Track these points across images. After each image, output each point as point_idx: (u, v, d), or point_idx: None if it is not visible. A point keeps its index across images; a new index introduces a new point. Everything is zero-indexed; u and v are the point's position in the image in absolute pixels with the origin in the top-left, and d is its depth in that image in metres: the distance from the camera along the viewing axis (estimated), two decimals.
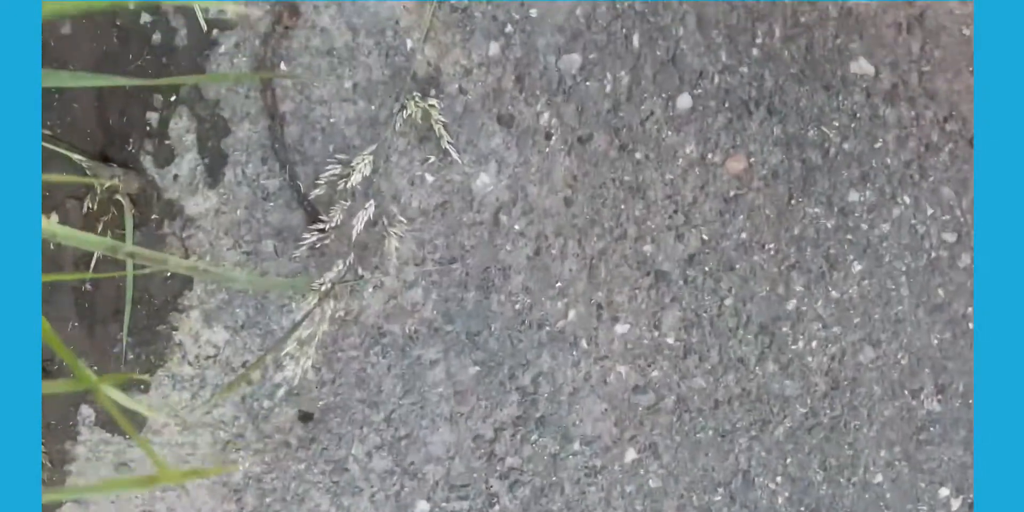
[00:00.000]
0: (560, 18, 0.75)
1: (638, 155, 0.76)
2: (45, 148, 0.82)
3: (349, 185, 0.76)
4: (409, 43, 0.76)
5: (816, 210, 0.79)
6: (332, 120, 0.77)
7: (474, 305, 0.80)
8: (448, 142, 0.77)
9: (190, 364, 0.82)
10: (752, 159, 0.77)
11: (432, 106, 0.76)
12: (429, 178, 0.77)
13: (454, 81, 0.77)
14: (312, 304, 0.79)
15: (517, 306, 0.79)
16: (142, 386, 0.83)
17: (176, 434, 0.83)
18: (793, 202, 0.78)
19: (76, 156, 0.81)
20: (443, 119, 0.77)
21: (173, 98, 0.79)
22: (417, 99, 0.77)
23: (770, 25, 0.75)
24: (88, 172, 0.78)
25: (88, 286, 0.82)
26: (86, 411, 0.85)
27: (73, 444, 0.85)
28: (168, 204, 0.80)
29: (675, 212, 0.78)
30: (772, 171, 0.77)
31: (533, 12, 0.75)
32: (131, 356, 0.83)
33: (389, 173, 0.78)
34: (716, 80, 0.75)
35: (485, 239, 0.78)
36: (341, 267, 0.78)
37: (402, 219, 0.78)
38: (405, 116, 0.77)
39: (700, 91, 0.75)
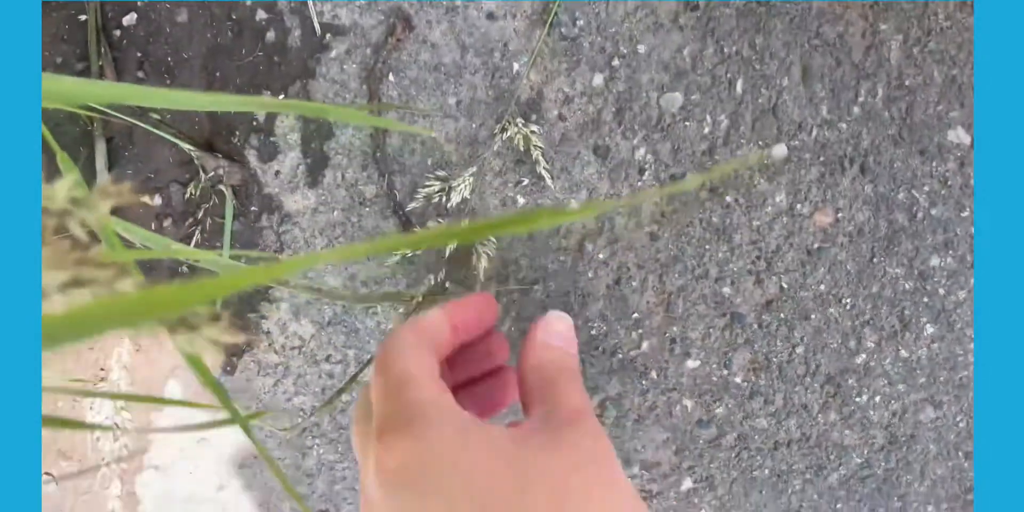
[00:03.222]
0: (667, 56, 0.88)
1: (728, 199, 0.90)
2: (152, 133, 0.96)
3: (446, 202, 0.91)
4: (516, 66, 0.90)
5: (896, 271, 0.91)
6: (433, 135, 0.93)
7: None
8: (544, 168, 0.91)
9: (276, 352, 1.00)
10: (840, 214, 0.90)
11: (533, 132, 0.90)
12: (521, 200, 0.92)
13: (555, 107, 0.91)
14: (402, 314, 0.94)
15: (592, 332, 0.94)
16: (228, 368, 1.00)
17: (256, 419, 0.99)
18: (875, 260, 0.91)
19: (185, 145, 0.95)
20: (541, 145, 0.90)
21: (282, 96, 0.95)
22: (520, 124, 0.91)
23: (874, 84, 0.87)
24: (195, 161, 0.97)
25: (185, 269, 1.00)
26: (172, 385, 1.04)
27: (159, 416, 1.04)
28: (268, 198, 0.96)
29: (758, 258, 0.92)
30: (858, 228, 0.90)
31: (641, 48, 0.89)
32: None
33: (483, 192, 0.92)
34: (814, 133, 0.89)
35: (568, 265, 0.93)
36: (432, 282, 0.92)
37: (491, 238, 0.93)
38: (504, 138, 0.91)
39: (797, 143, 0.89)
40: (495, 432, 0.50)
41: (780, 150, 0.91)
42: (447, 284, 0.98)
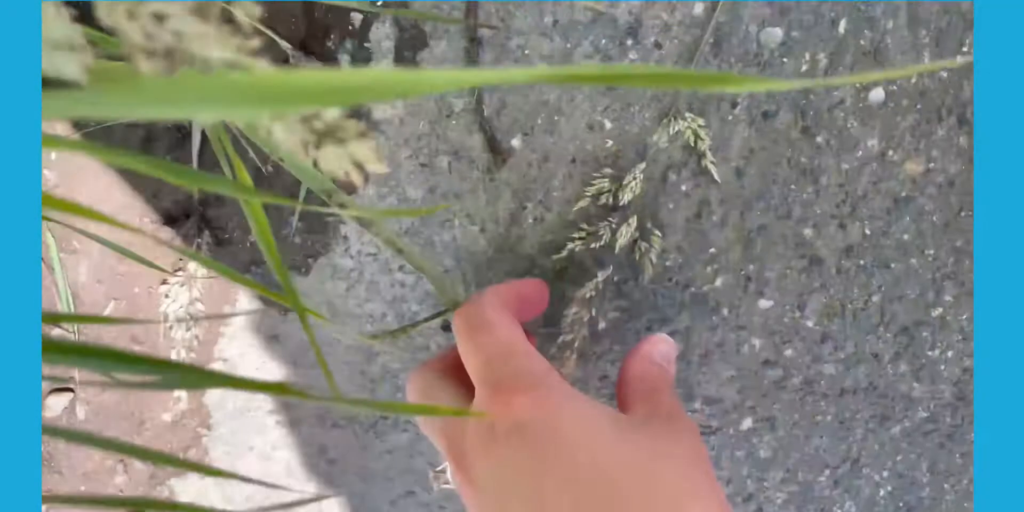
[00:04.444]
0: None
1: (819, 139, 0.92)
2: (256, 28, 1.11)
3: (530, 124, 0.95)
4: None
5: None
6: (527, 52, 0.95)
7: (626, 255, 0.98)
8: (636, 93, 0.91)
9: (352, 257, 1.05)
10: (932, 164, 0.91)
11: (632, 61, 0.91)
12: (608, 124, 0.96)
13: (652, 34, 0.92)
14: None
15: (668, 263, 0.97)
16: (303, 269, 1.05)
17: (324, 323, 1.04)
18: (963, 214, 0.92)
19: (283, 43, 0.99)
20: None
21: (379, 2, 0.98)
22: (614, 50, 0.92)
23: None
24: (291, 60, 0.99)
25: (270, 168, 1.04)
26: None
27: (232, 310, 1.09)
28: (356, 105, 0.97)
29: (843, 202, 0.93)
30: (949, 180, 0.91)
31: None
32: (298, 239, 1.05)
33: (571, 114, 0.96)
34: (914, 79, 0.89)
35: (650, 195, 0.96)
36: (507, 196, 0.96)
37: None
38: (597, 61, 0.92)
39: (895, 88, 0.90)
40: (609, 410, 0.59)
41: (877, 94, 0.93)
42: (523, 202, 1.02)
